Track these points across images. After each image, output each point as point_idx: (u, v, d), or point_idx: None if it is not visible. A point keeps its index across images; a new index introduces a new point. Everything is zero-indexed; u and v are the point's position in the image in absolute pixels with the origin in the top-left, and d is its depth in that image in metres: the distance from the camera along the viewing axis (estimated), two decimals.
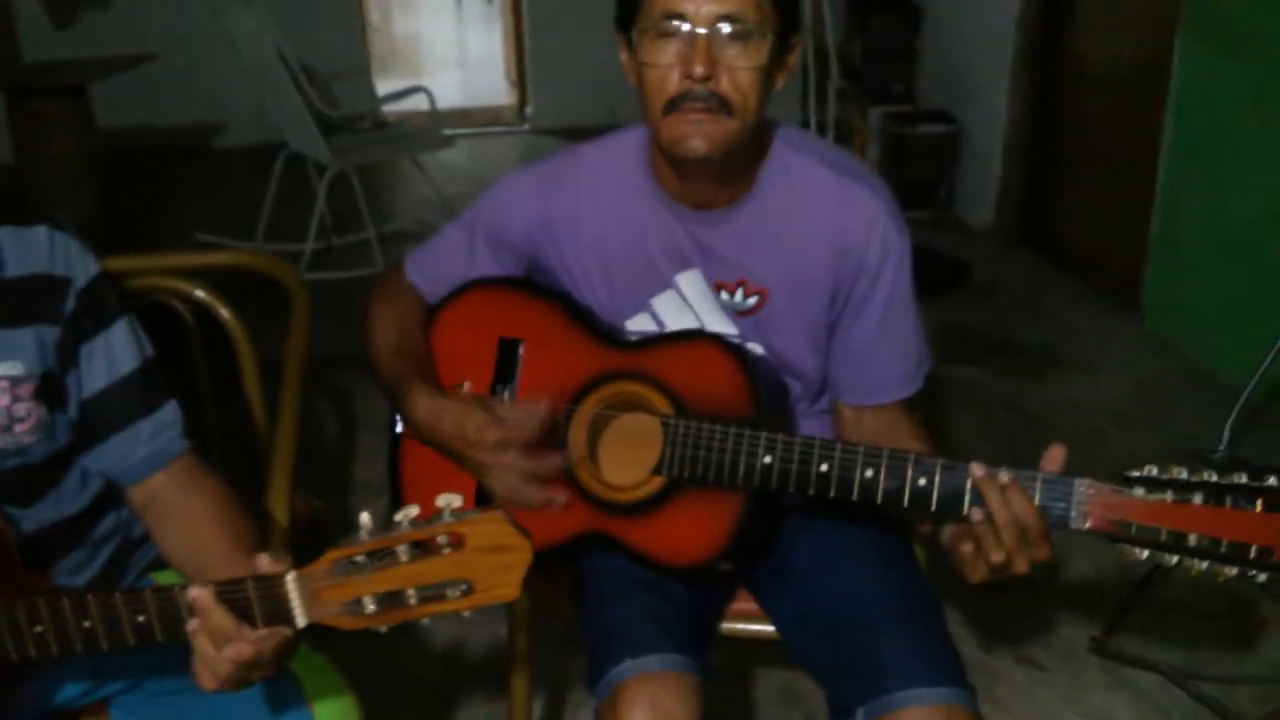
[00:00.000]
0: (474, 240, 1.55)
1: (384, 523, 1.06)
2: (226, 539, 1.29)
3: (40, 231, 1.27)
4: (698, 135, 1.30)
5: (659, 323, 1.49)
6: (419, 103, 5.04)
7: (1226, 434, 2.89)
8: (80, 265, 1.29)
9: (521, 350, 1.50)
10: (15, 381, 1.24)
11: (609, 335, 1.47)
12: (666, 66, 1.30)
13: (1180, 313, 3.71)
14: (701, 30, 1.28)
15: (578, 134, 6.88)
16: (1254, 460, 2.60)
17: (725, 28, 1.28)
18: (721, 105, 1.29)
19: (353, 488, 2.89)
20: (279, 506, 1.55)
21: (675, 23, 1.28)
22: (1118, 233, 4.04)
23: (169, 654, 1.13)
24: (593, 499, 1.41)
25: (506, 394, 1.49)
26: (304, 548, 1.62)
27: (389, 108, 5.68)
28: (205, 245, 4.59)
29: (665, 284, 1.47)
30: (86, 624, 1.10)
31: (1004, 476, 1.20)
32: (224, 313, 1.72)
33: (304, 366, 1.73)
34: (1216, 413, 2.97)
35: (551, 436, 1.42)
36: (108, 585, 1.38)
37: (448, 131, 4.99)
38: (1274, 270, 3.26)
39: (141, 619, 1.09)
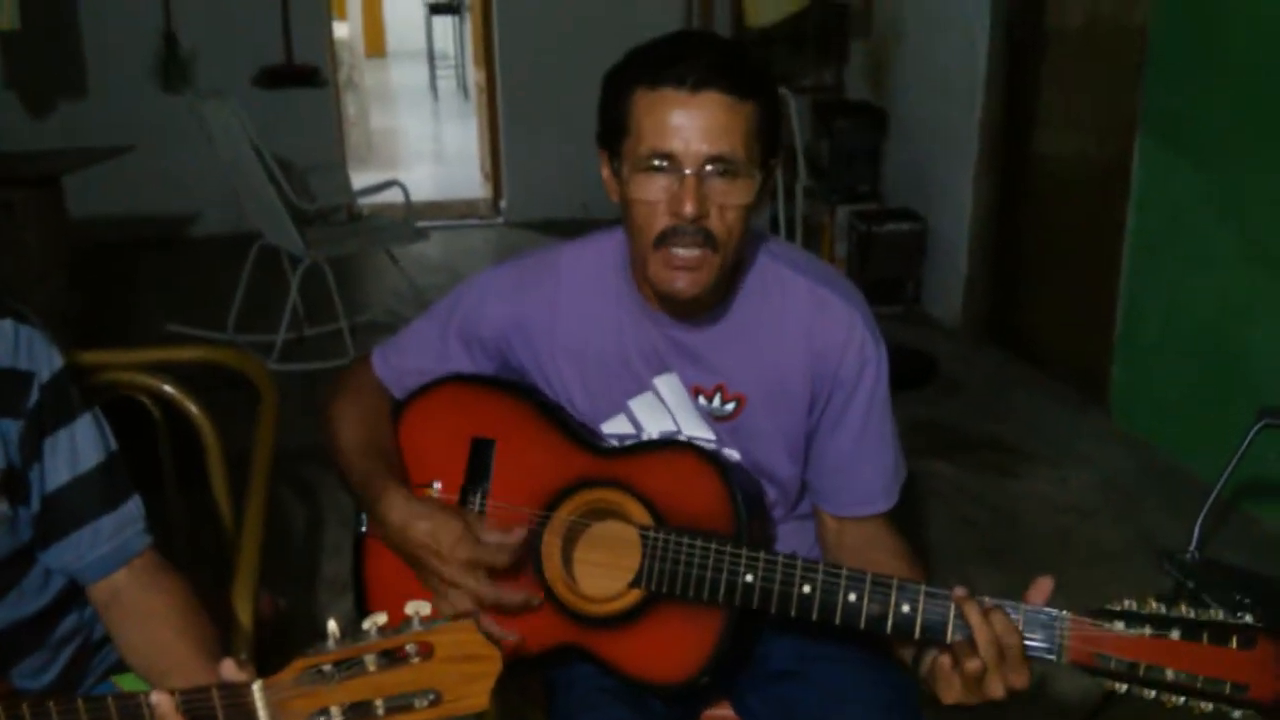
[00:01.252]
0: (447, 334, 1.53)
1: (351, 629, 1.04)
2: (188, 641, 1.27)
3: (5, 325, 1.26)
4: (684, 280, 1.31)
5: (636, 425, 1.47)
6: (394, 195, 5.09)
7: (1196, 533, 2.90)
8: (44, 359, 1.28)
9: (495, 451, 1.47)
10: None
11: (586, 439, 1.45)
12: (654, 203, 1.30)
13: (1147, 408, 3.75)
14: (690, 171, 1.28)
15: (551, 227, 6.95)
16: (1223, 560, 2.60)
17: (714, 168, 1.28)
18: (708, 240, 1.30)
19: (319, 583, 2.85)
20: (243, 609, 1.53)
21: (664, 161, 1.29)
22: (1083, 329, 4.11)
23: None
24: (567, 610, 1.38)
25: (479, 496, 1.47)
26: (268, 647, 1.59)
27: (364, 200, 5.73)
28: (176, 336, 4.57)
29: (643, 386, 1.46)
30: None
31: (987, 601, 1.20)
32: (192, 408, 1.72)
33: (271, 464, 1.72)
34: (1185, 508, 2.98)
35: (525, 543, 1.39)
36: (68, 688, 1.35)
37: (423, 224, 5.04)
38: (1237, 365, 3.32)
39: None
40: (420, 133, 10.77)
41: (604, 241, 1.49)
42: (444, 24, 12.64)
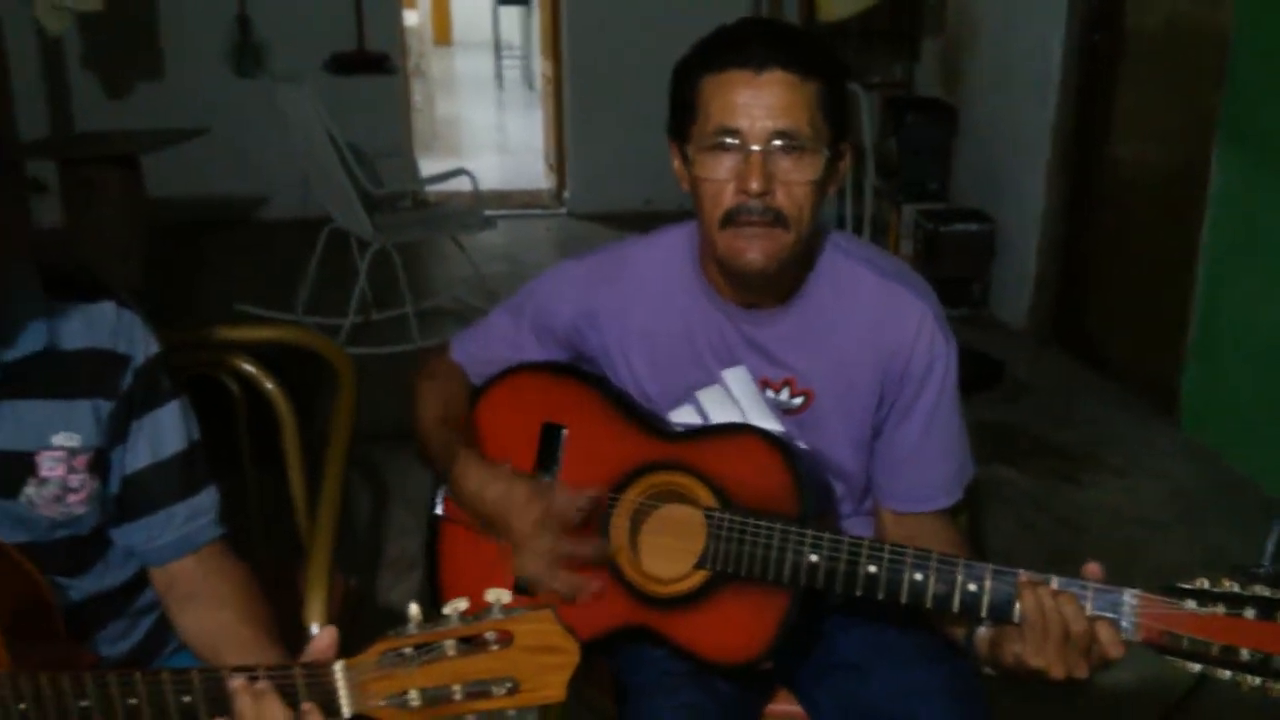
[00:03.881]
0: (520, 325, 1.58)
1: (430, 615, 1.06)
2: (250, 624, 1.30)
3: (107, 307, 1.29)
4: (754, 250, 1.33)
5: (703, 415, 1.49)
6: (459, 183, 5.13)
7: (1270, 548, 2.84)
8: (141, 343, 1.31)
9: (565, 436, 1.50)
10: (72, 453, 1.26)
11: (653, 425, 1.47)
12: (722, 181, 1.32)
13: (1218, 420, 3.68)
14: (756, 147, 1.30)
15: (614, 220, 6.98)
16: None
17: (780, 143, 1.30)
18: (777, 219, 1.31)
19: (383, 564, 2.89)
20: (318, 587, 1.55)
21: (731, 139, 1.31)
22: (1154, 336, 4.03)
23: None
24: (634, 591, 1.40)
25: (549, 480, 1.49)
26: (337, 625, 1.62)
27: (430, 187, 5.78)
28: (245, 316, 4.65)
29: (711, 378, 1.48)
30: (132, 701, 1.10)
31: (1054, 583, 1.19)
32: (271, 387, 1.75)
33: (349, 442, 1.74)
34: (1255, 524, 2.93)
35: (593, 524, 1.41)
36: (146, 656, 1.39)
37: (488, 213, 5.06)
38: None
39: (187, 699, 1.09)
40: (484, 122, 10.84)
41: (674, 235, 1.52)
42: (511, 14, 12.70)
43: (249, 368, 1.77)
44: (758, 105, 1.29)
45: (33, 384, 1.24)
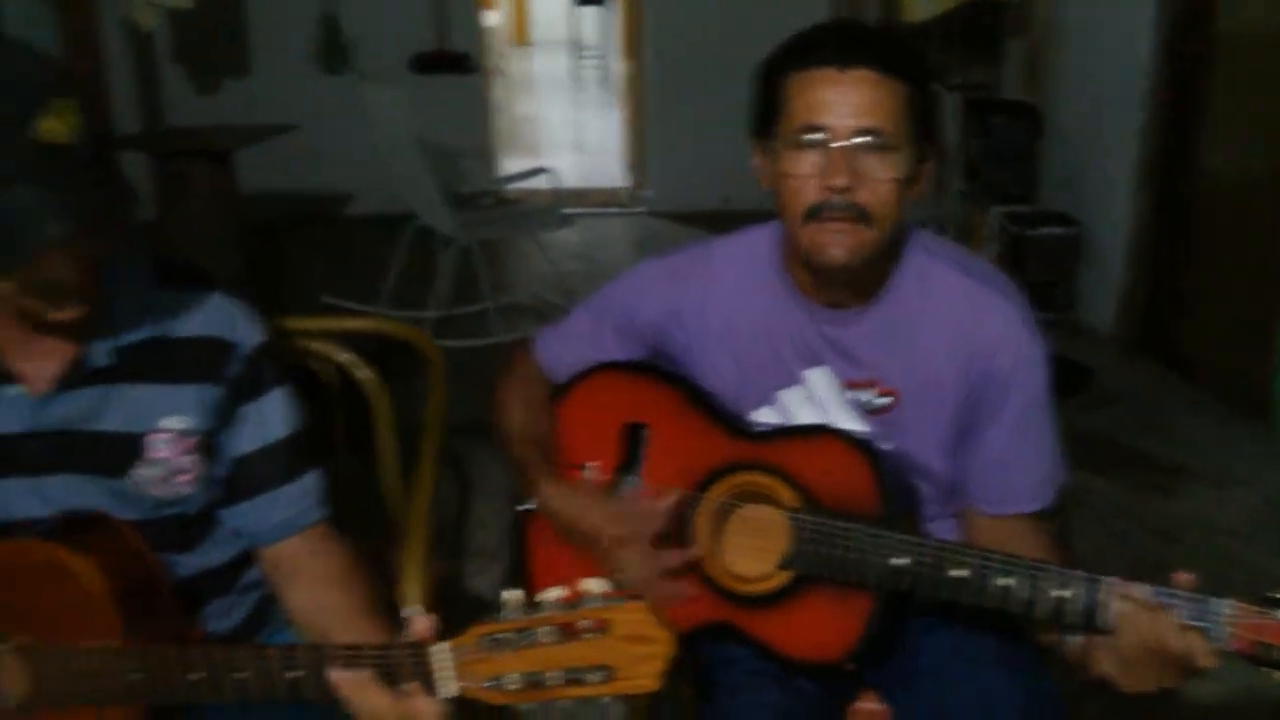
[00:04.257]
0: (602, 325, 1.59)
1: (528, 601, 1.07)
2: (351, 604, 1.33)
3: (215, 297, 1.34)
4: (837, 245, 1.32)
5: (786, 416, 1.48)
6: (538, 181, 5.17)
7: None
8: (247, 332, 1.35)
9: (647, 435, 1.51)
10: (180, 435, 1.30)
11: (735, 425, 1.47)
12: (805, 177, 1.32)
13: None
14: (841, 143, 1.30)
15: (692, 219, 6.99)
16: None
17: (865, 140, 1.30)
18: (860, 216, 1.31)
19: (467, 552, 2.93)
20: (415, 570, 1.58)
21: (815, 135, 1.31)
22: (1246, 345, 3.93)
23: (310, 711, 1.16)
24: (718, 589, 1.41)
25: (631, 478, 1.51)
26: (429, 609, 1.64)
27: (509, 185, 5.84)
28: (331, 309, 4.73)
29: (794, 379, 1.47)
30: (240, 675, 1.13)
31: (1146, 592, 1.17)
32: (367, 375, 1.78)
33: (439, 432, 1.77)
34: None
35: (676, 524, 1.42)
36: (248, 635, 1.43)
37: (566, 211, 5.10)
38: None
39: (293, 675, 1.11)
40: (562, 121, 10.90)
41: (756, 235, 1.52)
42: (589, 15, 12.76)
43: (344, 356, 1.80)
44: (843, 103, 1.29)
45: (144, 369, 1.29)
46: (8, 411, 1.26)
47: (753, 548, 1.40)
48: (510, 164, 6.14)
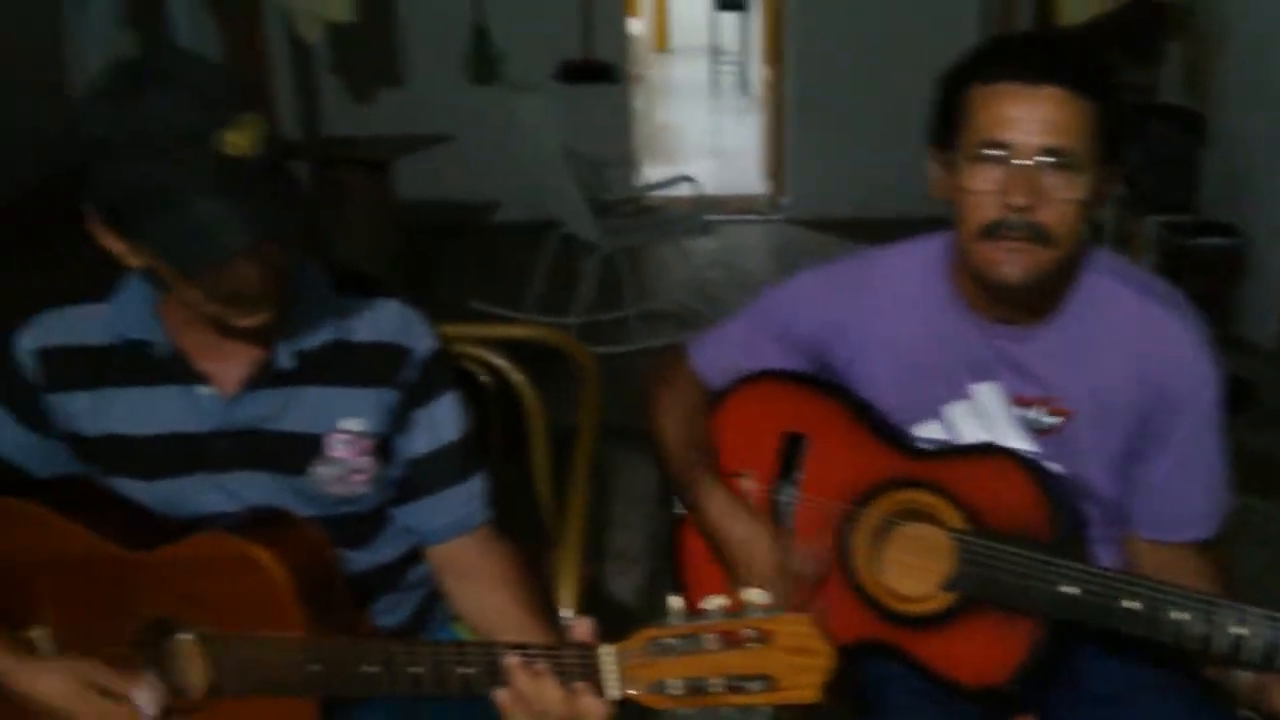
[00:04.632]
0: (760, 334, 1.58)
1: (691, 609, 1.09)
2: (519, 604, 1.36)
3: (391, 305, 1.39)
4: (1011, 264, 1.30)
5: (951, 432, 1.46)
6: (677, 188, 5.21)
7: None
8: (422, 338, 1.40)
9: (806, 446, 1.50)
10: (357, 436, 1.35)
11: (898, 440, 1.46)
12: (985, 193, 1.30)
13: None
14: (1024, 161, 1.27)
15: (831, 226, 6.89)
16: None
17: (1049, 160, 1.27)
18: (1039, 236, 1.28)
19: (608, 555, 2.97)
20: (569, 575, 1.62)
21: (998, 151, 1.28)
22: None
23: (477, 708, 1.20)
24: (876, 607, 1.40)
25: (789, 489, 1.50)
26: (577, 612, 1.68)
27: (649, 193, 5.89)
28: (481, 315, 4.85)
29: (961, 393, 1.45)
30: (415, 669, 1.17)
31: None
32: (521, 380, 1.82)
33: (591, 438, 1.80)
34: None
35: (831, 544, 1.43)
36: (415, 628, 1.48)
37: (706, 218, 5.12)
38: None
39: (466, 671, 1.16)
40: (700, 127, 10.93)
41: (927, 245, 1.50)
42: (728, 21, 12.76)
43: (500, 361, 1.84)
44: (1029, 120, 1.27)
45: (324, 372, 1.35)
46: (199, 411, 1.33)
47: (914, 567, 1.38)
48: (649, 171, 6.19)
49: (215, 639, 1.28)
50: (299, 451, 1.35)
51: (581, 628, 1.13)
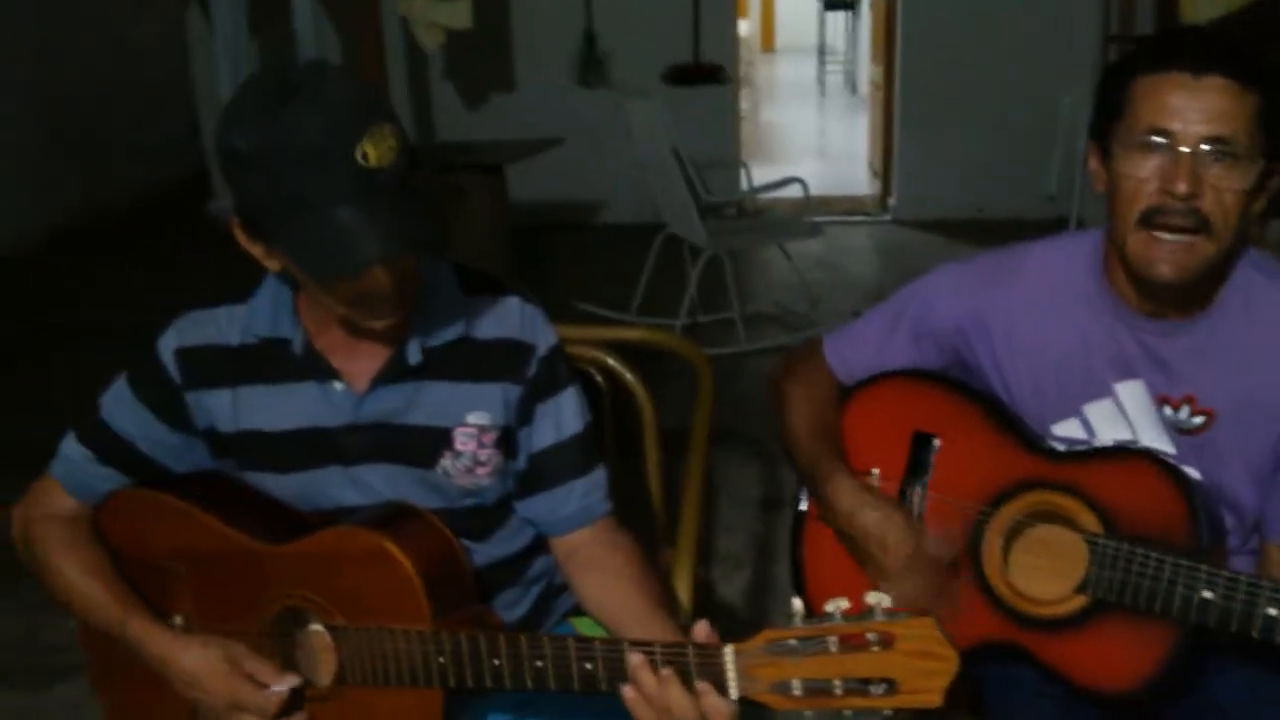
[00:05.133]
0: (898, 328, 1.57)
1: (811, 610, 1.09)
2: (641, 596, 1.37)
3: (513, 302, 1.43)
4: (1167, 261, 1.29)
5: (1090, 430, 1.45)
6: (783, 189, 5.19)
7: None
8: (543, 335, 1.43)
9: (937, 446, 1.49)
10: (482, 430, 1.39)
11: (1032, 441, 1.45)
12: (1144, 179, 1.29)
13: None
14: (1186, 149, 1.26)
15: (941, 227, 6.81)
16: None
17: (1211, 149, 1.26)
18: (1200, 225, 1.27)
19: (714, 558, 2.97)
20: (685, 575, 1.63)
21: (1160, 139, 1.28)
22: None
23: (597, 703, 1.22)
24: (1006, 608, 1.39)
25: (919, 488, 1.49)
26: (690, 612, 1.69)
27: (756, 194, 5.88)
28: (587, 315, 4.90)
29: (1103, 391, 1.43)
30: (539, 663, 1.20)
31: None
32: (634, 382, 1.84)
33: (705, 440, 1.81)
34: None
35: (963, 544, 1.41)
36: (535, 624, 1.50)
37: (815, 219, 5.10)
38: None
39: (589, 667, 1.17)
40: (805, 127, 10.86)
41: (1075, 241, 1.49)
42: (836, 19, 12.67)
43: (612, 361, 1.86)
44: (1193, 109, 1.26)
45: (451, 368, 1.39)
46: (332, 406, 1.38)
47: (1046, 569, 1.37)
48: (755, 171, 6.18)
49: (344, 630, 1.33)
50: (427, 444, 1.38)
51: (700, 629, 1.14)
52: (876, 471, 1.52)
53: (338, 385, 1.38)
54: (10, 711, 2.57)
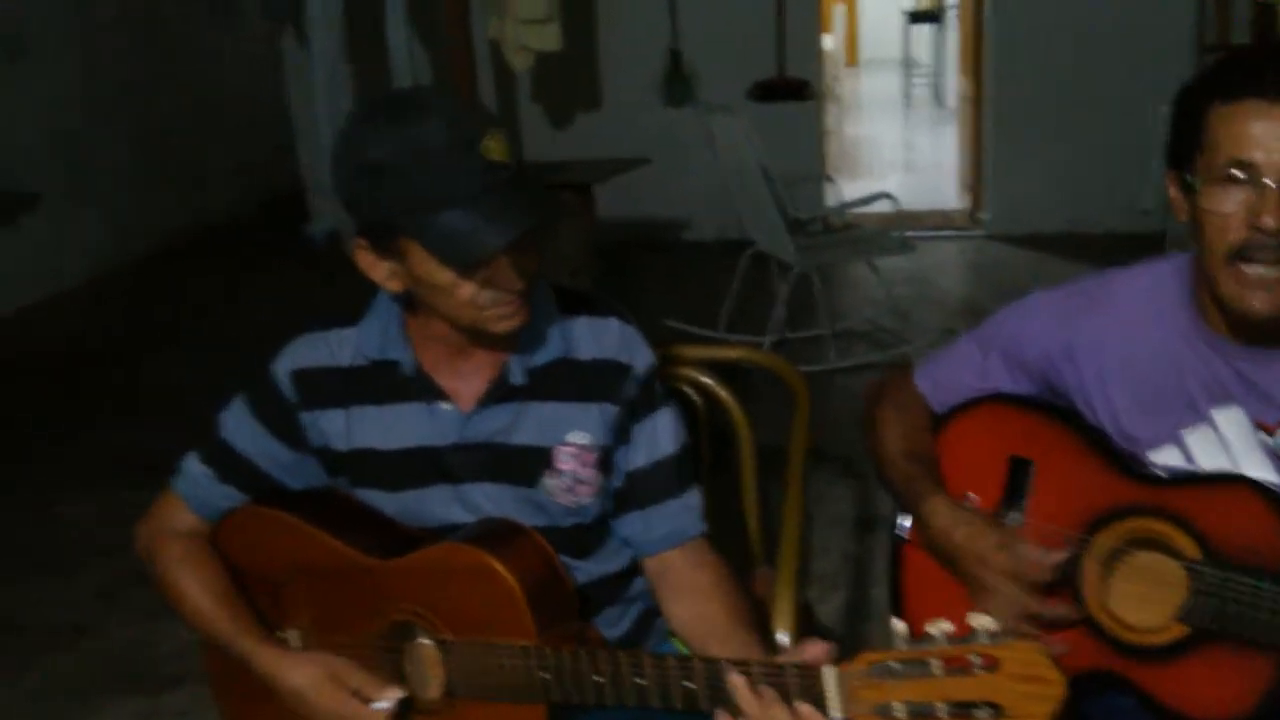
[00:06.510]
0: (990, 353, 1.56)
1: (908, 633, 1.09)
2: (730, 615, 1.39)
3: (612, 323, 1.46)
4: (1259, 297, 1.26)
5: (1188, 457, 1.42)
6: (872, 204, 5.16)
7: None
8: (641, 355, 1.46)
9: (1033, 471, 1.48)
10: (583, 449, 1.42)
11: (1130, 467, 1.42)
12: (1230, 214, 1.26)
13: None
14: (1272, 182, 1.23)
15: (1033, 242, 6.69)
16: None
17: None
18: None
19: (809, 580, 2.96)
20: (786, 595, 1.63)
21: (1243, 172, 1.25)
22: None
23: None
24: (1105, 636, 1.37)
25: (1014, 515, 1.48)
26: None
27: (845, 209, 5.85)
28: (675, 332, 4.92)
29: (1199, 418, 1.41)
30: (640, 681, 1.22)
31: None
32: (730, 400, 1.85)
33: (803, 460, 1.82)
34: None
35: (1064, 564, 1.39)
36: (635, 642, 1.52)
37: (906, 234, 5.06)
38: None
39: (689, 685, 1.19)
40: (891, 141, 10.77)
41: (1164, 266, 1.46)
42: (921, 32, 12.55)
43: (708, 379, 1.88)
44: (1273, 137, 1.23)
45: (553, 388, 1.42)
46: (440, 425, 1.42)
47: (1143, 597, 1.36)
48: (842, 187, 6.16)
49: (451, 644, 1.36)
50: (530, 463, 1.42)
51: (814, 649, 1.14)
52: (973, 497, 1.51)
53: (445, 405, 1.42)
54: (125, 716, 2.67)
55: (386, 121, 1.27)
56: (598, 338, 1.44)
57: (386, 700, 1.36)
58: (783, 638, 1.57)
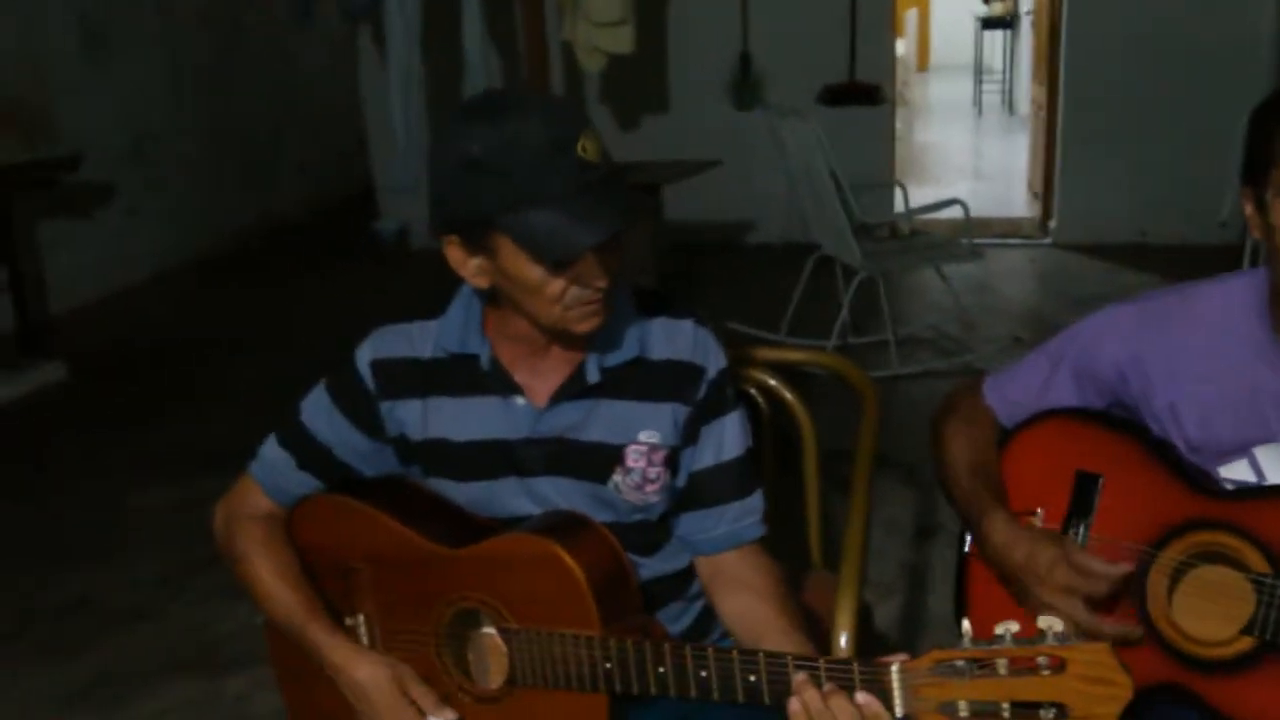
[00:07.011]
0: (1060, 368, 1.56)
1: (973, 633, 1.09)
2: (783, 616, 1.40)
3: (686, 324, 1.47)
4: None
5: (1258, 472, 1.41)
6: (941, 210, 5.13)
7: None
8: (713, 358, 1.47)
9: (1100, 486, 1.48)
10: (653, 448, 1.44)
11: (1198, 481, 1.42)
12: None
13: None
14: None
15: (1103, 252, 6.61)
16: None
17: None
18: None
19: (866, 586, 2.94)
20: (849, 595, 1.63)
21: None
22: None
23: (758, 715, 1.24)
24: (1171, 649, 1.37)
25: (1082, 529, 1.48)
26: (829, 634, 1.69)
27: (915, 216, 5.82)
28: (738, 335, 4.92)
29: (1272, 435, 1.40)
30: (703, 673, 1.23)
31: None
32: (795, 402, 1.85)
33: (869, 464, 1.82)
34: None
35: (1129, 581, 1.39)
36: (697, 637, 1.53)
37: (975, 241, 5.01)
38: None
39: (752, 679, 1.21)
40: (960, 147, 10.68)
41: (1238, 281, 1.46)
42: (994, 38, 12.43)
43: (774, 382, 1.89)
44: None
45: (626, 387, 1.44)
46: (514, 419, 1.45)
47: (1210, 610, 1.35)
48: (911, 192, 6.11)
49: (516, 633, 1.38)
50: (601, 460, 1.44)
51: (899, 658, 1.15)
52: (1040, 512, 1.51)
53: (519, 400, 1.45)
54: (184, 699, 2.73)
55: (486, 119, 1.29)
56: (671, 339, 1.46)
57: (439, 718, 1.41)
58: (843, 639, 1.57)
